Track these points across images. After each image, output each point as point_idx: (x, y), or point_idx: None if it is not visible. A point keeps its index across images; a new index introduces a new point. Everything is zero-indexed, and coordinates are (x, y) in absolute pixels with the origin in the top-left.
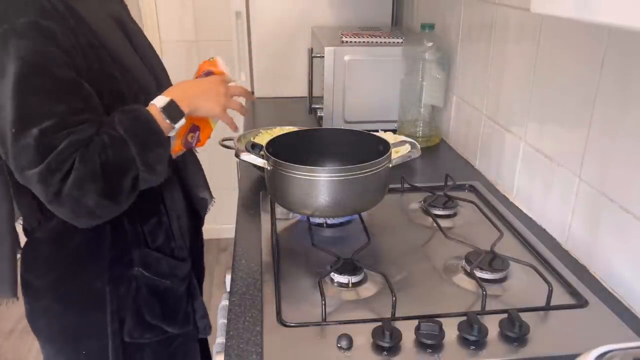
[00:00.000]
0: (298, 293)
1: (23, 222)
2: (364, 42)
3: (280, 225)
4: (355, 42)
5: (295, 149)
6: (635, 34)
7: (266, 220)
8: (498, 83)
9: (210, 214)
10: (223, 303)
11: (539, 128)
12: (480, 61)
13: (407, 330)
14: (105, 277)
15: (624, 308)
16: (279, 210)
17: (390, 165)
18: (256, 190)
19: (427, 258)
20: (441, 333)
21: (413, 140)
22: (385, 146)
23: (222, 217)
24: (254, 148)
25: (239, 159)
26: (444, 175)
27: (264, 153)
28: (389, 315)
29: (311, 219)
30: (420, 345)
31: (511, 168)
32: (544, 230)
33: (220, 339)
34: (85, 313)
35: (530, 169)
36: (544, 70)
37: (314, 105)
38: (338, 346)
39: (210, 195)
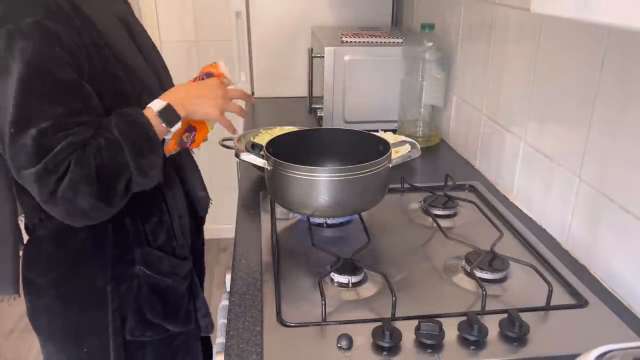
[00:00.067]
0: (298, 293)
1: (25, 220)
2: (364, 42)
3: (280, 225)
4: (355, 42)
5: (295, 149)
6: (635, 34)
7: (266, 220)
8: (498, 83)
9: (210, 214)
10: (223, 303)
11: (539, 128)
12: (480, 61)
13: (407, 330)
14: (107, 276)
15: (624, 308)
16: (279, 210)
17: (390, 165)
18: (256, 190)
19: (427, 258)
20: (441, 333)
21: (413, 140)
22: (385, 146)
23: (222, 217)
24: (254, 148)
25: (239, 159)
26: (444, 175)
27: (264, 153)
28: (389, 315)
29: (311, 219)
30: (420, 345)
31: (511, 168)
32: (544, 230)
33: (220, 338)
34: (87, 311)
35: (530, 169)
36: (544, 70)
37: (314, 105)
38: (338, 346)
39: (208, 196)
